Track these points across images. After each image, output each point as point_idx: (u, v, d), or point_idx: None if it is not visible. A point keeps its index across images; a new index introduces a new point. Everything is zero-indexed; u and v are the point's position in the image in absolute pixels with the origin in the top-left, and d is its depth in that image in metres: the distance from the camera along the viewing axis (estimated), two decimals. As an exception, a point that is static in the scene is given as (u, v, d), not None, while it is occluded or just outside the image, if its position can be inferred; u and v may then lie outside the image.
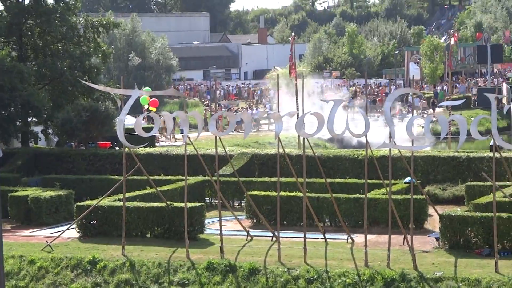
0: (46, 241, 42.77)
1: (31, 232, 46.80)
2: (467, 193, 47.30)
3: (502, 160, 43.03)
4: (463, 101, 77.56)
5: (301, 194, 41.10)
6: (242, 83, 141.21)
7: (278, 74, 59.77)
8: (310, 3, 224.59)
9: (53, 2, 64.01)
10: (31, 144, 65.37)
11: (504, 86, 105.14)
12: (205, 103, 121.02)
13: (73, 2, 65.28)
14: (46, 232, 45.44)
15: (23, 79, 58.27)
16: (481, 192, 44.79)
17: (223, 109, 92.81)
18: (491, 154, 43.55)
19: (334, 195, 42.72)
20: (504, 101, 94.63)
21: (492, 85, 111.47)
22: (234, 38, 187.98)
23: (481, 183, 46.41)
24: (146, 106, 63.83)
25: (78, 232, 44.66)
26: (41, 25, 63.67)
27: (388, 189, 40.38)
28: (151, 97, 62.10)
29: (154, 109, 68.68)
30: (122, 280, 38.85)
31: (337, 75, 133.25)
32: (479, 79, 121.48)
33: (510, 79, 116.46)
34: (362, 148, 50.92)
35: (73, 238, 44.17)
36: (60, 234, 43.78)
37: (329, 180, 44.90)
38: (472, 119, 48.56)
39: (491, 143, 40.17)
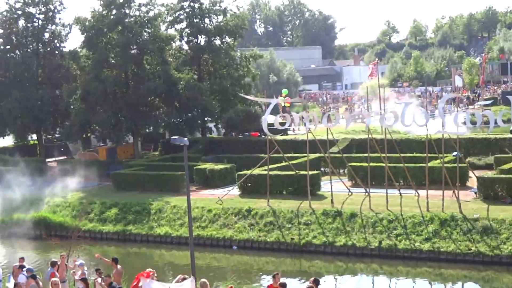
0: (218, 197, 43.74)
1: (209, 191, 47.47)
2: (495, 162, 46.55)
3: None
4: (491, 101, 76.64)
5: (383, 164, 41.10)
6: (344, 92, 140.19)
7: (367, 86, 59.52)
8: (388, 38, 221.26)
9: (220, 43, 64.63)
10: (208, 134, 66.17)
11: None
12: (319, 105, 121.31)
13: (232, 42, 65.76)
14: (218, 192, 46.01)
15: (201, 92, 59.15)
16: (505, 161, 44.11)
17: (331, 109, 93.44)
18: (511, 135, 42.98)
19: (406, 164, 42.61)
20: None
21: (511, 89, 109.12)
22: (338, 62, 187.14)
23: (505, 155, 45.72)
24: (283, 104, 64.06)
25: (239, 191, 45.40)
26: (212, 58, 64.41)
27: (442, 160, 40.26)
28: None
29: (288, 105, 69.03)
30: (268, 222, 39.47)
31: (407, 85, 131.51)
32: (502, 85, 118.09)
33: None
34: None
35: (236, 195, 44.74)
36: (227, 193, 44.40)
37: (402, 154, 44.56)
38: (498, 112, 47.66)
39: (511, 128, 39.79)
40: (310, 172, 42.66)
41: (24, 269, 26.79)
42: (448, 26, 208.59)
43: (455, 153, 42.43)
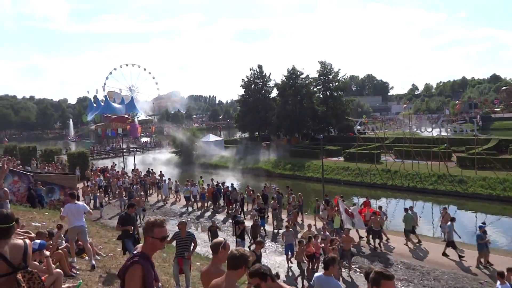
0: (335, 161, 42.21)
1: (329, 159, 44.99)
2: (466, 149, 41.34)
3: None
4: (464, 121, 69.00)
5: (410, 149, 38.41)
6: (391, 116, 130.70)
7: (403, 114, 55.26)
8: (413, 92, 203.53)
9: (336, 94, 60.48)
10: (330, 133, 63.15)
11: (478, 116, 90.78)
12: (380, 122, 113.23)
13: (341, 94, 61.46)
14: (334, 158, 44.11)
15: (328, 115, 57.86)
16: (470, 149, 39.14)
17: (386, 123, 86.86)
18: (473, 137, 38.70)
19: (422, 150, 39.50)
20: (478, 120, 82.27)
21: (474, 115, 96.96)
22: (389, 103, 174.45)
23: (470, 146, 40.49)
24: (364, 121, 58.18)
25: (343, 159, 43.48)
26: (333, 100, 60.44)
27: (439, 148, 37.10)
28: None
29: (366, 122, 64.29)
30: (356, 172, 38.05)
31: (421, 113, 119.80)
32: (469, 114, 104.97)
33: (479, 115, 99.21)
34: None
35: (342, 161, 43.10)
36: (338, 159, 42.66)
37: (420, 144, 41.31)
38: (467, 126, 43.08)
39: (474, 133, 36.13)
40: (376, 152, 41.06)
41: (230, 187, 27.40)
42: (443, 86, 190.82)
43: (445, 145, 39.39)
